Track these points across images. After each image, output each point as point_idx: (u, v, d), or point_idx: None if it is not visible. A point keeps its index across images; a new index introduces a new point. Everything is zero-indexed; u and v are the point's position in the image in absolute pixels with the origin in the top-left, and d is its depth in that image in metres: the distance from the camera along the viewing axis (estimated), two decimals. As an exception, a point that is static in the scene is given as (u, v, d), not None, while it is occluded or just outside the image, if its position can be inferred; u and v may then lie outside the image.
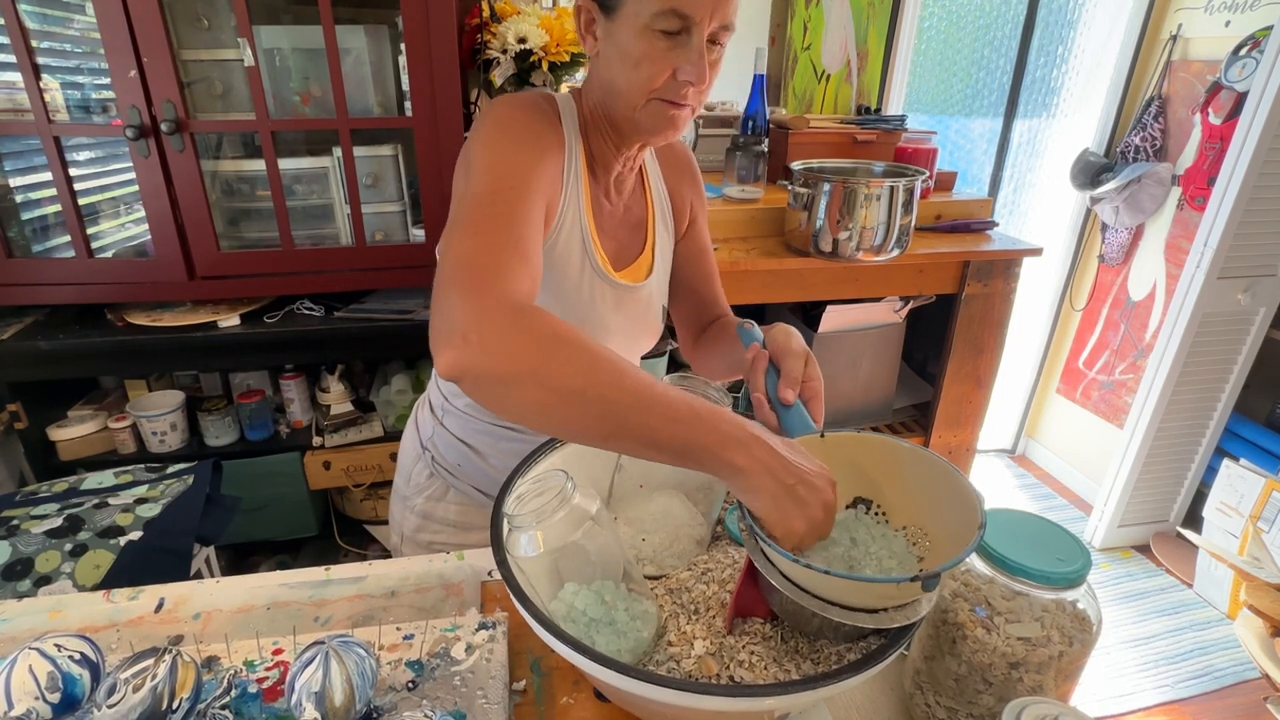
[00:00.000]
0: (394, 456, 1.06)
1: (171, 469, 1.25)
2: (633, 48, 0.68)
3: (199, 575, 1.23)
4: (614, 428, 0.52)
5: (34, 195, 1.55)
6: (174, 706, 0.51)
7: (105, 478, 1.22)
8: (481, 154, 0.69)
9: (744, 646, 0.57)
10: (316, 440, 1.65)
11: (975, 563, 0.60)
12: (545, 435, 0.81)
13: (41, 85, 1.32)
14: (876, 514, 0.62)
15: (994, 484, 2.80)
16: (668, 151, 0.94)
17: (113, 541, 1.06)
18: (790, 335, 0.71)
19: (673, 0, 0.65)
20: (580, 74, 1.70)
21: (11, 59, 1.29)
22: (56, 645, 0.52)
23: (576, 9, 0.74)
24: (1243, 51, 1.99)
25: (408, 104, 1.45)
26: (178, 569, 1.11)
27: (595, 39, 0.73)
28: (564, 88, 1.63)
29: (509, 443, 0.89)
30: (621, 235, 0.86)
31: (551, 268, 0.78)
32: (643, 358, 0.98)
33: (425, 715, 0.50)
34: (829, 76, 2.32)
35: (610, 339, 0.84)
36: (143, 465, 1.27)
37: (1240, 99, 1.99)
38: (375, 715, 0.55)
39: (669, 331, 1.08)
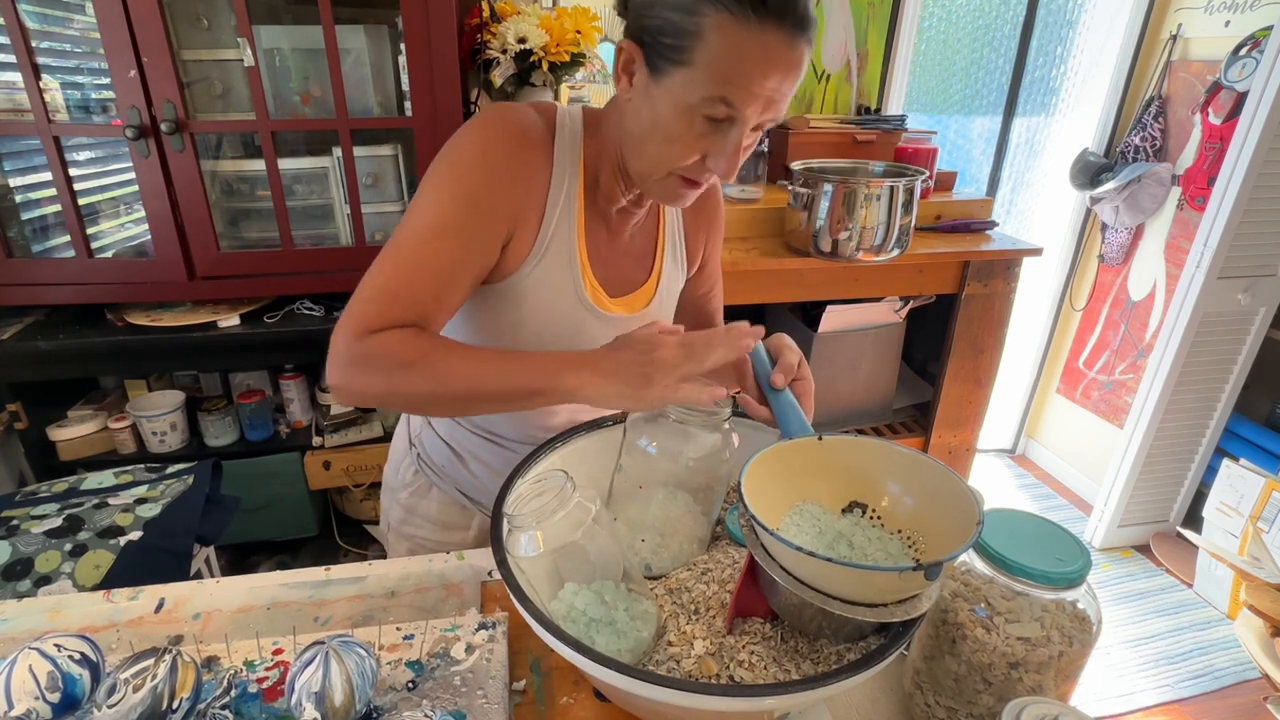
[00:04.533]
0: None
1: (171, 469, 1.25)
2: (670, 124, 0.64)
3: (199, 575, 1.23)
4: (474, 403, 0.67)
5: (34, 195, 1.55)
6: (174, 706, 0.50)
7: (105, 478, 1.22)
8: (425, 186, 0.70)
9: (744, 646, 0.57)
10: (316, 440, 1.65)
11: (975, 563, 0.60)
12: (527, 448, 0.84)
13: (41, 85, 1.32)
14: (872, 518, 0.62)
15: (994, 484, 2.80)
16: None
17: (113, 541, 1.06)
18: (785, 336, 0.74)
19: (727, 89, 0.60)
20: (580, 74, 1.70)
21: (11, 59, 1.29)
22: (56, 645, 0.52)
23: (618, 49, 0.68)
24: (1243, 51, 1.99)
25: (408, 104, 1.45)
26: (178, 569, 1.11)
27: (630, 85, 0.67)
28: (564, 88, 1.63)
29: (488, 453, 0.89)
30: (622, 264, 0.83)
31: (530, 293, 0.75)
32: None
33: (425, 715, 0.50)
34: (829, 76, 2.32)
35: None
36: (143, 465, 1.27)
37: (1240, 99, 1.99)
38: (375, 715, 0.55)
39: None
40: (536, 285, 0.76)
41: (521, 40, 1.48)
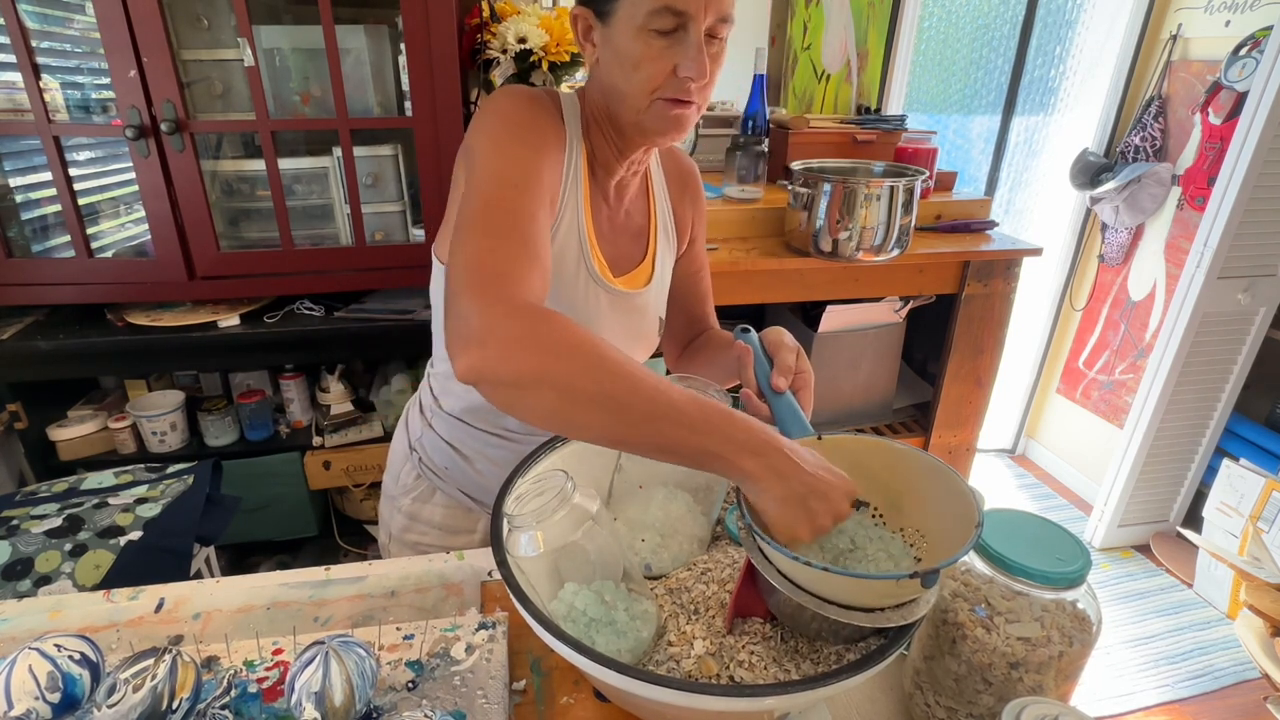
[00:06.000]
0: (394, 456, 1.07)
1: (171, 469, 1.25)
2: (630, 50, 0.68)
3: (199, 575, 1.23)
4: (627, 433, 0.54)
5: (34, 195, 1.55)
6: (174, 706, 0.51)
7: (105, 478, 1.22)
8: (484, 148, 0.69)
9: (744, 646, 0.57)
10: (316, 440, 1.65)
11: (975, 563, 0.60)
12: (535, 441, 0.83)
13: (41, 85, 1.32)
14: (874, 516, 0.62)
15: (994, 484, 2.80)
16: (674, 167, 0.93)
17: (113, 541, 1.06)
18: (783, 332, 0.75)
19: None
20: (580, 74, 1.70)
21: (11, 59, 1.29)
22: (56, 645, 0.52)
23: (573, 17, 0.73)
24: (1243, 51, 1.99)
25: (408, 104, 1.45)
26: (178, 569, 1.11)
27: (594, 45, 0.73)
28: (564, 87, 1.63)
29: (495, 450, 0.89)
30: (621, 242, 0.85)
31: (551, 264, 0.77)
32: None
33: (425, 715, 0.50)
34: (829, 76, 2.33)
35: None
36: (143, 465, 1.27)
37: (1240, 99, 1.99)
38: (375, 715, 0.55)
39: None
40: (556, 256, 0.77)
41: (521, 40, 1.48)
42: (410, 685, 0.58)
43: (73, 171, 1.40)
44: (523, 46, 1.48)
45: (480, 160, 0.68)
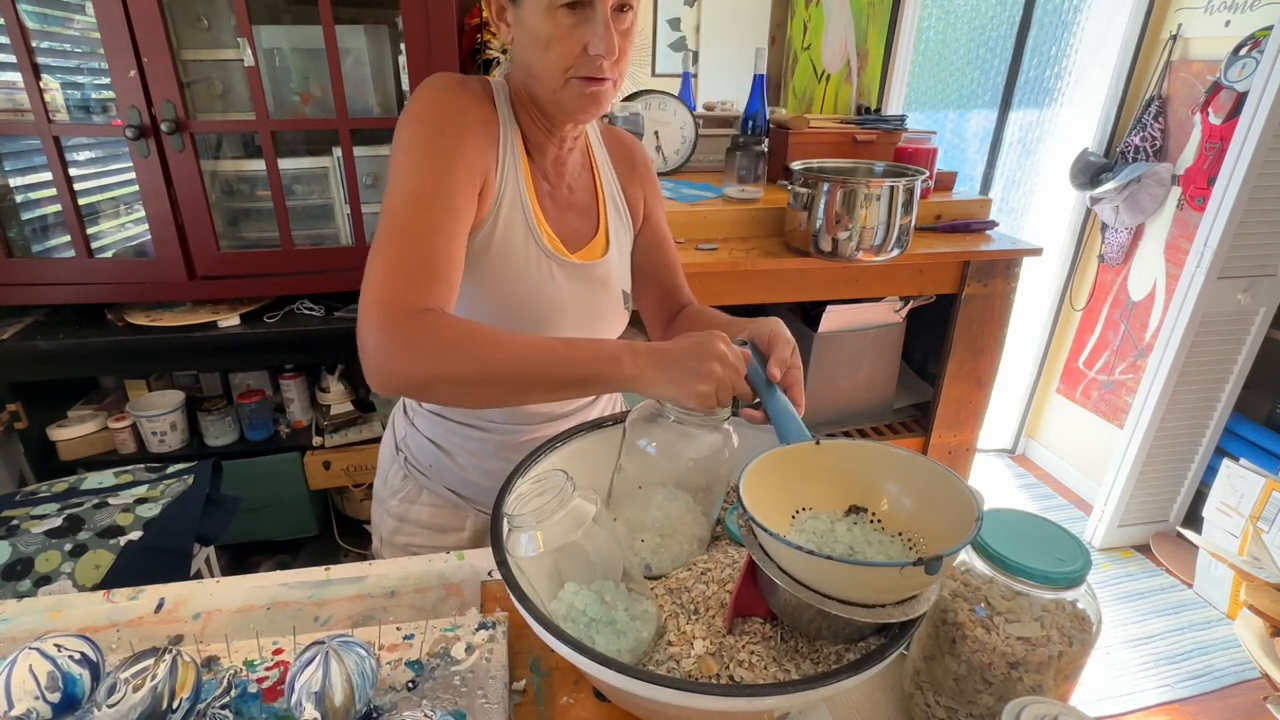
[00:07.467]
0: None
1: (171, 469, 1.25)
2: (541, 29, 0.69)
3: (199, 575, 1.23)
4: (521, 389, 0.66)
5: (34, 195, 1.55)
6: (174, 706, 0.51)
7: (105, 478, 1.22)
8: (398, 162, 0.71)
9: (744, 646, 0.57)
10: (316, 440, 1.65)
11: (975, 562, 0.60)
12: (513, 430, 0.90)
13: (41, 85, 1.32)
14: (872, 521, 0.62)
15: (994, 484, 2.80)
16: (617, 146, 0.93)
17: (113, 541, 1.06)
18: (779, 323, 0.75)
19: None
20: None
21: (11, 59, 1.29)
22: (56, 645, 0.52)
23: (485, 4, 0.75)
24: (1243, 51, 1.99)
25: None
26: (178, 569, 1.11)
27: (508, 25, 0.74)
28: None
29: (476, 442, 0.89)
30: (568, 218, 0.86)
31: (494, 248, 0.78)
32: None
33: (425, 715, 0.50)
34: (829, 76, 2.33)
35: (566, 319, 0.84)
36: (143, 465, 1.27)
37: (1240, 99, 1.99)
38: (375, 715, 0.55)
39: (639, 327, 1.07)
40: (502, 236, 0.78)
41: (521, 40, 1.48)
42: (410, 685, 0.58)
43: (73, 171, 1.40)
44: (523, 46, 1.48)
45: (393, 175, 0.71)
